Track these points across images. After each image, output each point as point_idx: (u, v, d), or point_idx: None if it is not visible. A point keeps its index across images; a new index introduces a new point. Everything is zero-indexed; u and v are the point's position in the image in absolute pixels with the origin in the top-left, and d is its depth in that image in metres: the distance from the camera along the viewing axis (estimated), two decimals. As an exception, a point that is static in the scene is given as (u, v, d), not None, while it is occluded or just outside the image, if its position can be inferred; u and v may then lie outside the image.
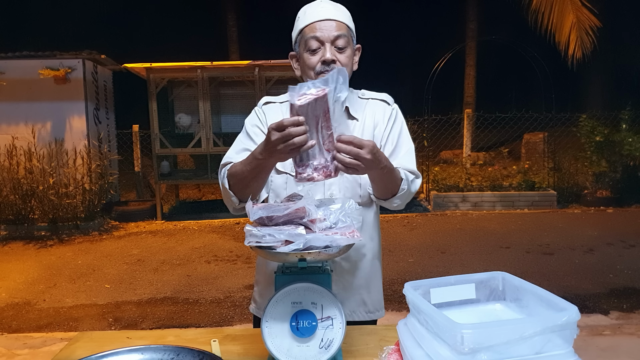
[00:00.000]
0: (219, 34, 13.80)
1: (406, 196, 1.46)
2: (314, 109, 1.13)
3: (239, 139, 1.54)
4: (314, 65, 1.45)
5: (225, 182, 1.40)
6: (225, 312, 4.17)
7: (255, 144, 1.45)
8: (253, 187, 1.37)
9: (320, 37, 1.43)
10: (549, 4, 9.11)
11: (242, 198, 1.40)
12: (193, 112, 7.87)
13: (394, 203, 1.47)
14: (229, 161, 1.45)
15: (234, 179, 1.38)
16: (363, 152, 1.18)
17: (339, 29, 1.44)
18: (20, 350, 3.48)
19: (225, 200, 1.45)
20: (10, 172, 6.85)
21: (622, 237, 5.95)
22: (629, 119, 8.07)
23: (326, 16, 1.44)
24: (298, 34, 1.48)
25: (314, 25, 1.44)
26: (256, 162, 1.29)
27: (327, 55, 1.43)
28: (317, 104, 1.13)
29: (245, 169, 1.33)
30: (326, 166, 1.19)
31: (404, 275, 4.83)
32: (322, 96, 1.13)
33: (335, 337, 1.14)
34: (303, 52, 1.47)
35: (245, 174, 1.33)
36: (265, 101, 1.60)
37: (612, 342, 3.36)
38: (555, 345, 0.93)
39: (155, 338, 1.42)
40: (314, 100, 1.12)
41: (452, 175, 8.70)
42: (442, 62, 8.75)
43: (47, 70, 7.27)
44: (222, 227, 7.13)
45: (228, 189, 1.40)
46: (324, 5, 1.47)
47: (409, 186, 1.45)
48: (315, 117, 1.15)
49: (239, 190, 1.39)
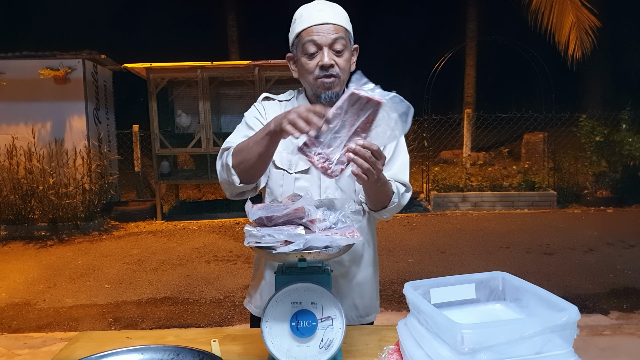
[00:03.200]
0: (219, 34, 13.80)
1: (395, 209, 1.48)
2: (362, 106, 1.11)
3: (239, 128, 1.54)
4: (313, 69, 1.44)
5: (229, 159, 1.37)
6: (225, 312, 4.17)
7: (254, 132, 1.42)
8: (257, 165, 1.34)
9: (318, 41, 1.42)
10: (549, 4, 9.11)
11: (244, 178, 1.37)
12: (193, 112, 7.87)
13: (383, 215, 1.49)
14: (230, 145, 1.43)
15: (240, 155, 1.35)
16: (380, 162, 1.19)
17: (336, 32, 1.43)
18: (20, 350, 3.48)
19: (224, 183, 1.42)
20: (10, 172, 6.84)
21: (622, 237, 5.95)
22: (629, 119, 8.07)
23: (323, 20, 1.43)
24: (295, 37, 1.47)
25: (311, 29, 1.43)
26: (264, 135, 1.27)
27: (325, 59, 1.42)
28: (367, 105, 1.11)
29: (253, 140, 1.32)
30: (330, 160, 1.16)
31: (404, 275, 4.83)
32: (377, 103, 1.10)
33: (335, 337, 1.14)
34: (301, 55, 1.46)
35: (252, 148, 1.31)
36: (265, 96, 1.61)
37: (612, 342, 3.36)
38: (555, 345, 0.93)
39: (155, 338, 1.42)
40: (366, 98, 1.10)
41: (452, 175, 8.70)
42: (442, 62, 8.74)
43: (47, 70, 7.27)
44: (222, 227, 7.13)
45: (231, 167, 1.37)
46: (320, 8, 1.45)
47: (399, 200, 1.47)
48: (357, 114, 1.12)
49: (242, 169, 1.36)
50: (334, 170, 1.16)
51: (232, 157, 1.37)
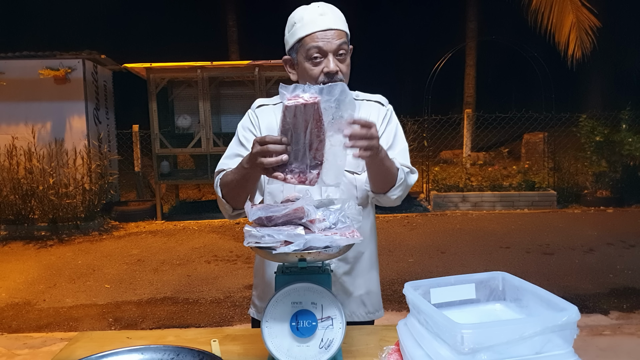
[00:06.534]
0: (219, 34, 13.80)
1: (404, 187, 1.46)
2: (303, 113, 1.13)
3: (231, 145, 1.56)
4: (317, 76, 1.43)
5: (218, 191, 1.45)
6: (225, 312, 4.17)
7: (246, 149, 1.46)
8: (242, 196, 1.39)
9: (324, 48, 1.41)
10: (549, 4, 9.11)
11: (235, 206, 1.43)
12: (193, 112, 7.87)
13: (394, 194, 1.46)
14: (222, 168, 1.49)
15: (226, 188, 1.42)
16: (373, 130, 1.20)
17: (339, 37, 1.43)
18: (20, 350, 3.48)
19: (221, 208, 1.48)
20: (10, 172, 6.84)
21: (622, 237, 5.95)
22: (629, 119, 8.07)
23: (327, 25, 1.42)
24: (297, 41, 1.45)
25: (316, 35, 1.41)
26: (243, 172, 1.32)
27: (331, 66, 1.42)
28: (307, 109, 1.13)
29: (234, 178, 1.37)
30: (303, 171, 1.19)
31: (404, 275, 4.82)
32: (312, 104, 1.12)
33: (335, 337, 1.14)
34: (304, 61, 1.45)
35: (235, 183, 1.37)
36: (258, 104, 1.60)
37: (612, 342, 3.36)
38: (555, 345, 0.93)
39: (155, 338, 1.42)
40: (302, 105, 1.12)
41: (452, 175, 8.70)
42: (442, 62, 8.74)
43: (47, 70, 7.27)
44: (222, 227, 7.13)
45: (221, 198, 1.44)
46: (322, 11, 1.44)
47: (406, 177, 1.45)
48: (305, 122, 1.14)
49: (231, 199, 1.42)
50: (311, 178, 1.19)
51: (220, 188, 1.44)
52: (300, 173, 1.19)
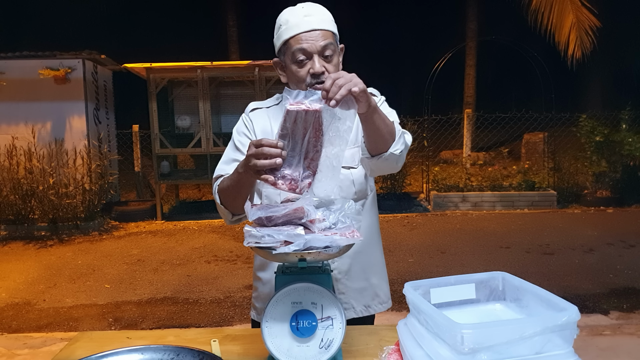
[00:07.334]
0: (219, 34, 13.80)
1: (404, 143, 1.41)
2: (304, 120, 1.13)
3: (227, 150, 1.56)
4: (304, 77, 1.42)
5: (216, 197, 1.46)
6: (225, 312, 4.17)
7: (242, 153, 1.46)
8: (239, 201, 1.38)
9: (308, 49, 1.40)
10: (549, 4, 9.11)
11: (234, 211, 1.44)
12: (193, 112, 7.87)
13: (396, 149, 1.38)
14: (219, 174, 1.49)
15: (223, 195, 1.43)
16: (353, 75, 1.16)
17: (324, 38, 1.41)
18: (20, 350, 3.48)
19: (220, 214, 1.49)
20: (10, 172, 6.85)
21: (622, 237, 5.95)
22: (629, 119, 8.07)
23: (311, 26, 1.40)
24: (283, 44, 1.44)
25: (300, 36, 1.40)
26: (238, 177, 1.32)
27: (316, 67, 1.40)
28: (308, 116, 1.12)
29: (230, 183, 1.37)
30: (295, 179, 1.17)
31: (404, 275, 4.82)
32: (314, 111, 1.12)
33: (335, 337, 1.14)
34: (290, 63, 1.44)
35: (231, 189, 1.38)
36: (252, 107, 1.60)
37: (612, 342, 3.36)
38: (555, 345, 0.93)
39: (155, 338, 1.42)
40: (304, 111, 1.12)
41: (452, 175, 8.70)
42: (442, 62, 8.74)
43: (47, 70, 7.27)
44: (222, 227, 7.13)
45: (220, 204, 1.45)
46: (307, 12, 1.42)
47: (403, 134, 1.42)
48: (304, 129, 1.14)
49: (229, 205, 1.43)
50: (302, 187, 1.18)
51: (218, 194, 1.45)
52: (292, 180, 1.17)
